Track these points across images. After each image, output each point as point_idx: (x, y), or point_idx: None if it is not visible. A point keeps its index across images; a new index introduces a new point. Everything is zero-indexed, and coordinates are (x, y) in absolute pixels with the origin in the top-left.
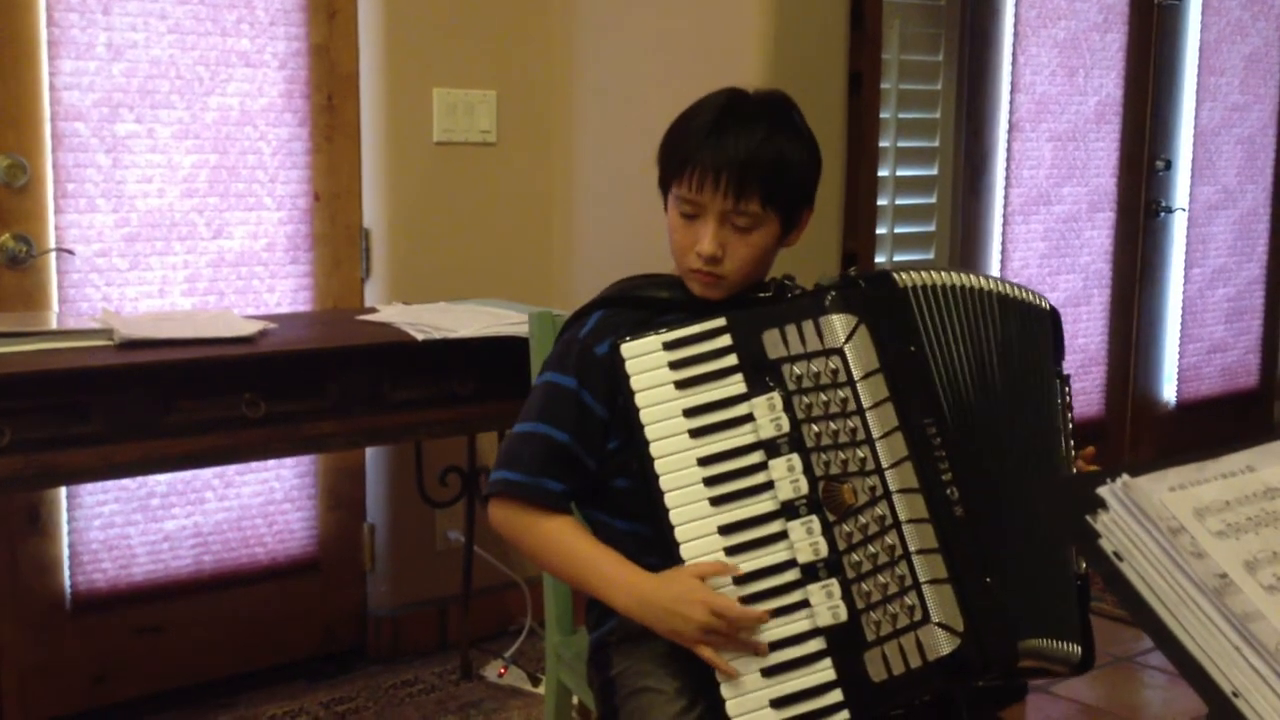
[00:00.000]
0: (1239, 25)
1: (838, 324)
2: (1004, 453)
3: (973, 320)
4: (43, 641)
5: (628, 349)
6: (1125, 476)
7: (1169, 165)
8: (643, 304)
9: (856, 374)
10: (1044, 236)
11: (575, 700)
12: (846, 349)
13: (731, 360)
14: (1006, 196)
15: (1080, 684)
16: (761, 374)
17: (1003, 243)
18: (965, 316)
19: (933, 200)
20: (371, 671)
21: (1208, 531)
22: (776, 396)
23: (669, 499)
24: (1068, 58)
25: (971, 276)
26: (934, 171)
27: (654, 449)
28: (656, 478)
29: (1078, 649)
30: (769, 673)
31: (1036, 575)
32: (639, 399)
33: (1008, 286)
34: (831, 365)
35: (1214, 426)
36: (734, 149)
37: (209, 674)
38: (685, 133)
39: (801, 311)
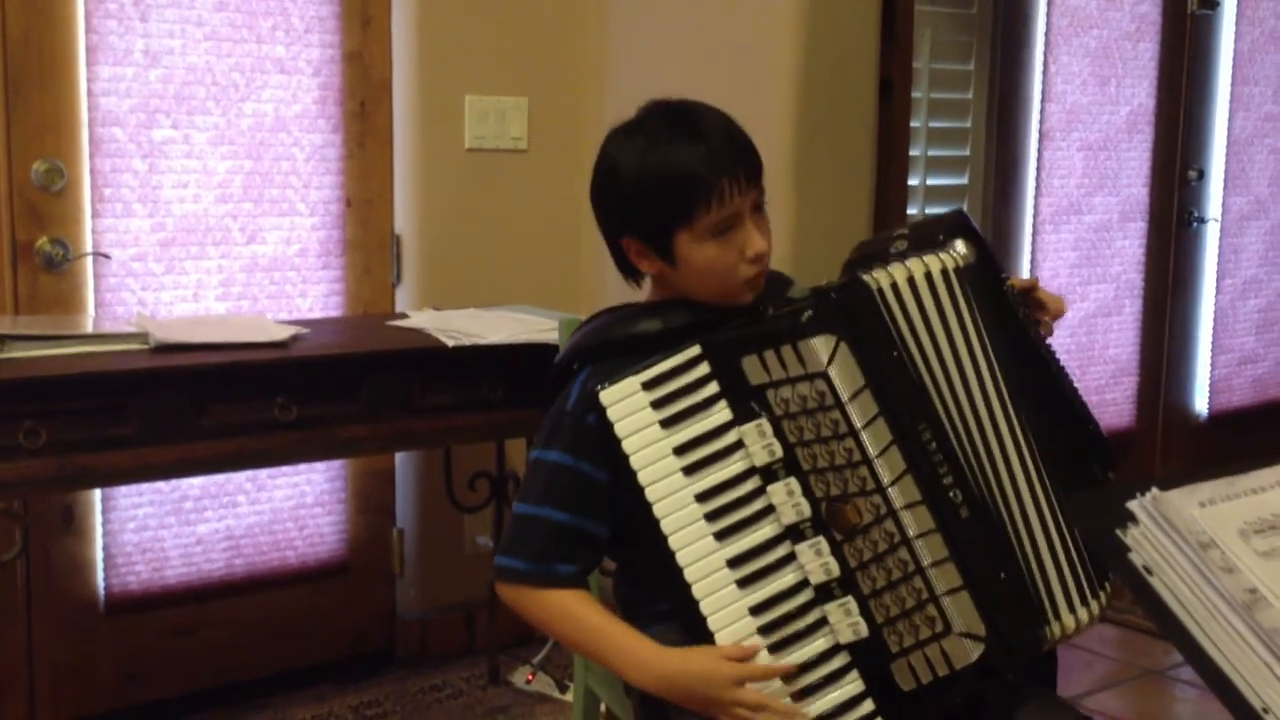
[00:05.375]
0: (1273, 35)
1: (818, 346)
2: (998, 429)
3: (939, 304)
4: (75, 642)
5: (606, 396)
6: (1155, 491)
7: (1202, 175)
8: (622, 348)
9: (844, 395)
10: (1074, 246)
11: (603, 707)
12: (830, 371)
13: (713, 389)
14: (1037, 206)
15: (1110, 697)
16: (746, 400)
17: (1033, 252)
18: (933, 303)
19: (963, 209)
20: (399, 675)
21: (1254, 551)
22: (765, 423)
23: (673, 541)
24: (1099, 67)
25: (928, 258)
26: (964, 180)
27: (650, 493)
28: (657, 522)
29: (1097, 606)
30: (799, 696)
31: (1050, 543)
32: (627, 445)
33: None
34: (818, 389)
35: (1245, 438)
36: (722, 142)
37: (239, 675)
38: (670, 169)
39: (779, 335)
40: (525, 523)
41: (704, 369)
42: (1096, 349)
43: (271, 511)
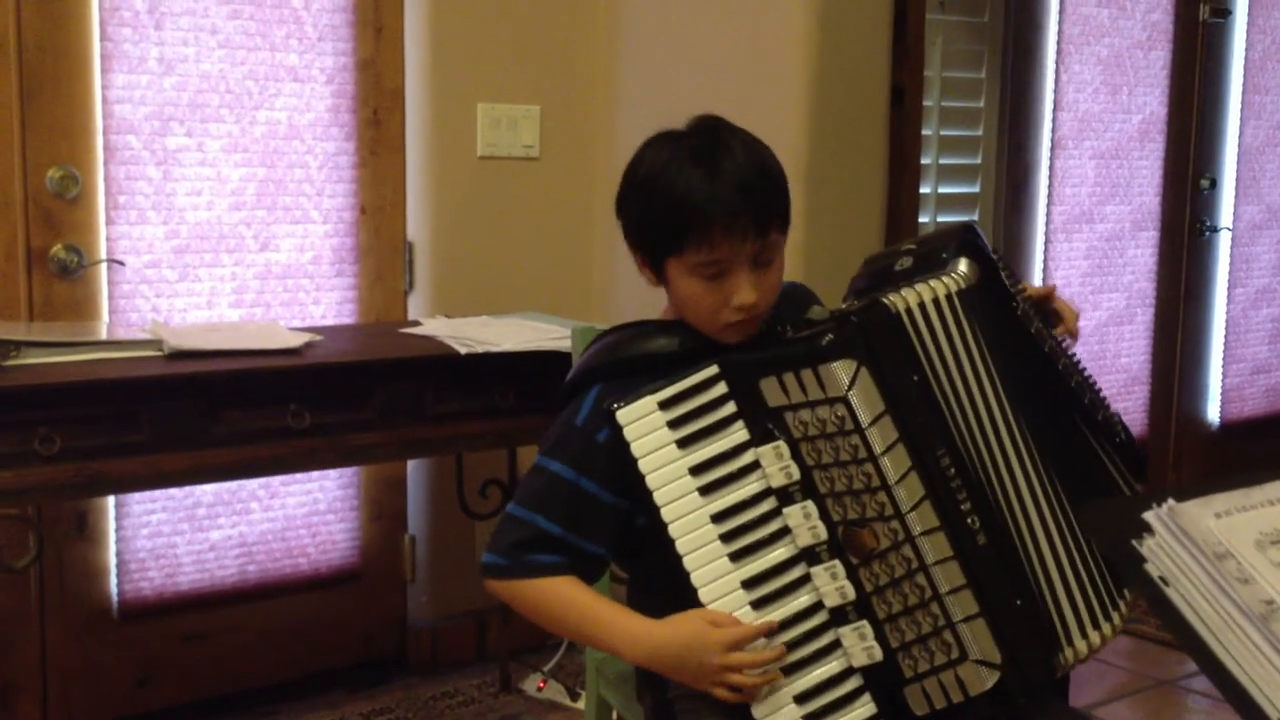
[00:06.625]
0: None
1: (839, 371)
2: (1005, 453)
3: (948, 330)
4: (88, 647)
5: (623, 415)
6: (1171, 501)
7: (1214, 184)
8: (636, 367)
9: (864, 421)
10: (1086, 255)
11: (615, 715)
12: (851, 396)
13: (730, 409)
14: (1049, 214)
15: (1123, 707)
16: (763, 422)
17: (1044, 261)
18: (942, 328)
19: (975, 218)
20: (411, 682)
21: (1269, 562)
22: (783, 445)
23: (688, 561)
24: (1111, 75)
25: (935, 283)
26: (976, 189)
27: (665, 513)
28: (672, 542)
29: (1109, 628)
30: (812, 718)
31: (1061, 568)
32: (643, 464)
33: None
34: (837, 413)
35: (1258, 447)
36: (737, 187)
37: (251, 682)
38: (671, 197)
39: (798, 358)
40: (513, 523)
41: (721, 389)
42: (1108, 358)
43: (284, 518)
